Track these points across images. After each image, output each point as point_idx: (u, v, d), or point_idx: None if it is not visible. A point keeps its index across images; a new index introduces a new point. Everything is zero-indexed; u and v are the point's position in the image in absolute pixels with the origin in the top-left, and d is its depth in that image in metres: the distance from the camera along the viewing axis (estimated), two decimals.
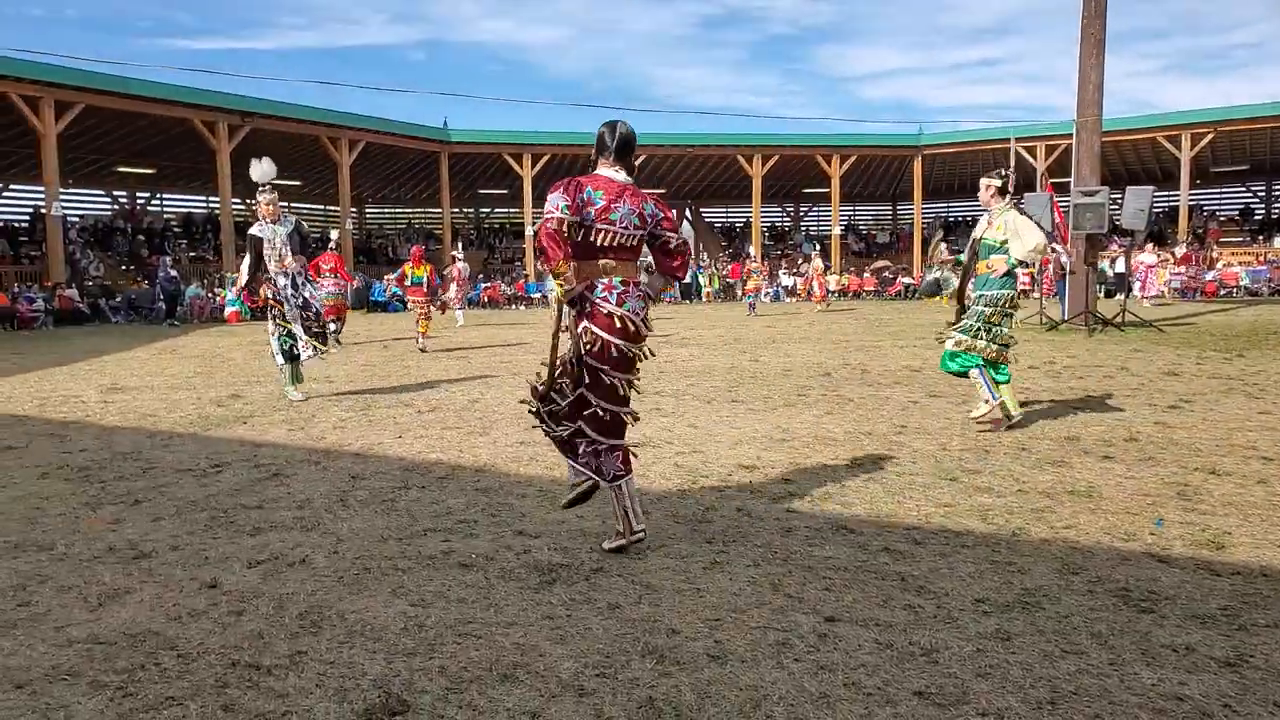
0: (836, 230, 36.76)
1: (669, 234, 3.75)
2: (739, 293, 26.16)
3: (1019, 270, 6.14)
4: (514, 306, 30.35)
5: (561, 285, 3.45)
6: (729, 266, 22.69)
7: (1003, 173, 6.40)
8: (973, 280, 6.31)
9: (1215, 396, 7.23)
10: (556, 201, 3.49)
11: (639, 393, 4.09)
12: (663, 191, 40.38)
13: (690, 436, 5.95)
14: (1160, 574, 3.26)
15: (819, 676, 2.48)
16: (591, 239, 3.55)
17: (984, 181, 6.36)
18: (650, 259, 3.83)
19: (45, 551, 3.69)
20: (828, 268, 28.03)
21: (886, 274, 33.81)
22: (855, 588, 3.16)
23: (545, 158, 33.31)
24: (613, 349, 3.58)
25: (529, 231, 34.01)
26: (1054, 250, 15.57)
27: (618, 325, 3.57)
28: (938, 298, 27.72)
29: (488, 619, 2.91)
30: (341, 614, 2.97)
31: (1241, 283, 27.39)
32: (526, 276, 31.92)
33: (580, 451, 3.67)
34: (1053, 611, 2.92)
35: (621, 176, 3.68)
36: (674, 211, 3.87)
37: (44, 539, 3.86)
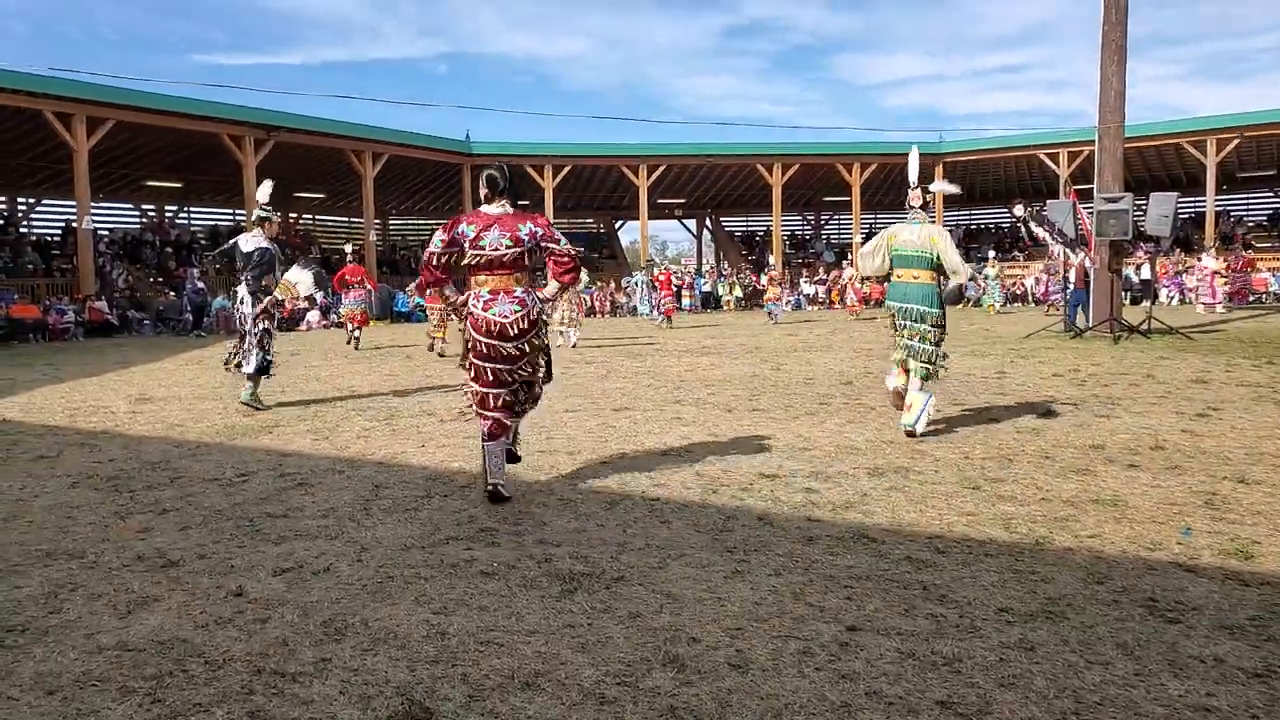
0: (858, 238, 36.59)
1: (552, 245, 4.70)
2: (653, 309, 24.61)
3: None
4: None
5: (446, 301, 4.82)
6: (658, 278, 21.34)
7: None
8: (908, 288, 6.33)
9: (1244, 404, 7.15)
10: (437, 237, 4.70)
11: (536, 381, 4.87)
12: (682, 201, 40.53)
13: (711, 445, 5.95)
14: (1188, 584, 3.23)
15: (841, 685, 2.48)
16: (468, 261, 4.62)
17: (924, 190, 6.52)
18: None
19: (76, 559, 3.74)
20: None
21: None
22: (877, 596, 3.15)
23: (566, 169, 33.44)
24: (480, 345, 4.63)
25: None
26: (1077, 255, 15.46)
27: (483, 325, 4.60)
28: (966, 305, 27.48)
29: (509, 627, 2.93)
30: (365, 621, 2.99)
31: (1270, 288, 27.02)
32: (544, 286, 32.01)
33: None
34: (1077, 621, 2.90)
35: (496, 210, 4.68)
36: (555, 230, 4.81)
37: (75, 547, 3.92)
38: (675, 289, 22.50)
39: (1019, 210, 17.02)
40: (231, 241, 8.49)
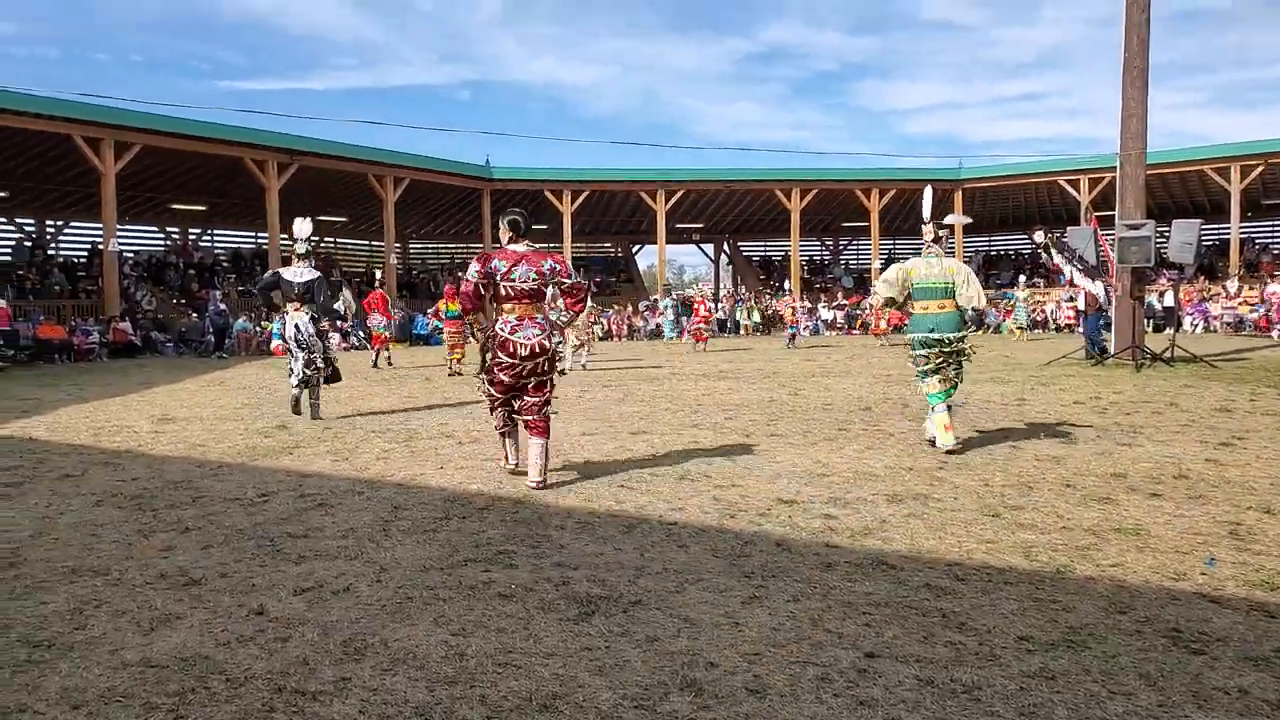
0: (876, 264, 36.56)
1: (564, 280, 5.59)
2: (684, 333, 24.85)
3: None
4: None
5: (475, 325, 5.73)
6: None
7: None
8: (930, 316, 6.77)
9: (1269, 433, 7.07)
10: (473, 269, 5.50)
11: (549, 400, 5.67)
12: (700, 226, 40.64)
13: (729, 470, 5.95)
14: (1212, 615, 3.19)
15: (859, 712, 2.47)
16: (501, 291, 5.46)
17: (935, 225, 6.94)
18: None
19: (100, 576, 3.78)
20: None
21: None
22: (895, 623, 3.14)
23: (584, 194, 33.67)
24: (505, 362, 5.48)
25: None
26: (1097, 284, 15.40)
27: (510, 347, 5.45)
28: (986, 331, 27.36)
29: (527, 649, 2.94)
30: (385, 641, 3.01)
31: None
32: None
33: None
34: (1099, 651, 2.88)
35: (522, 248, 5.53)
36: (569, 266, 5.77)
37: (99, 564, 3.96)
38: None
39: (1039, 237, 16.99)
40: (272, 274, 9.30)
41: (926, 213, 7.03)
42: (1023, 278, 30.26)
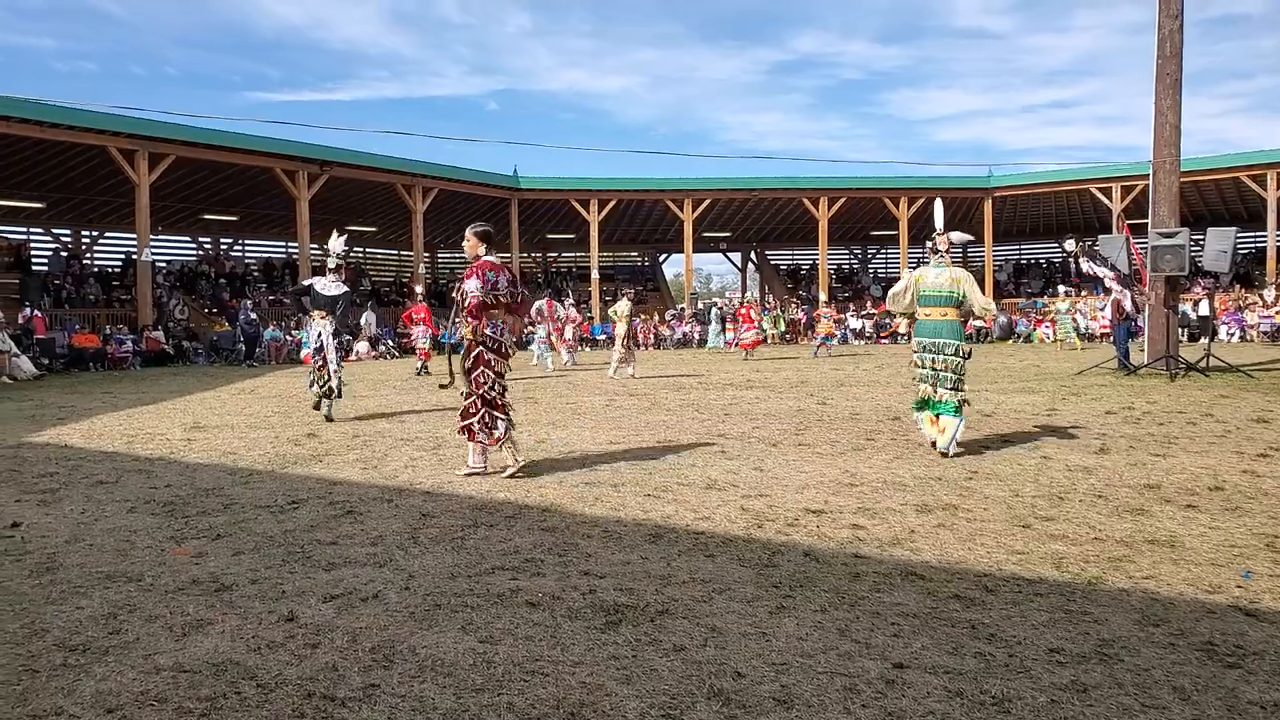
0: (905, 272, 36.34)
1: (518, 290, 6.27)
2: (733, 342, 24.78)
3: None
4: (580, 348, 30.58)
5: (470, 331, 6.08)
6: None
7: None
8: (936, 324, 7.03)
9: None
10: (476, 285, 5.98)
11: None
12: (727, 235, 40.61)
13: (756, 480, 5.93)
14: (1248, 628, 3.14)
15: None
16: (489, 300, 6.02)
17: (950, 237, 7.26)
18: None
19: (134, 582, 3.84)
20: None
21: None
22: (924, 634, 3.11)
23: (611, 203, 33.75)
24: (492, 360, 6.10)
25: (594, 275, 34.39)
26: (1124, 293, 15.23)
27: (499, 346, 6.12)
28: (1016, 340, 27.04)
29: (555, 657, 2.94)
30: (413, 649, 3.03)
31: None
32: (592, 319, 32.15)
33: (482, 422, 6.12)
34: (1132, 664, 2.84)
35: (495, 259, 6.17)
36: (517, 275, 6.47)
37: (133, 570, 4.02)
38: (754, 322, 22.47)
39: (1070, 245, 16.85)
40: (308, 283, 10.15)
41: (939, 223, 7.31)
42: (1063, 288, 29.74)
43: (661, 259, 43.53)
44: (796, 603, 3.47)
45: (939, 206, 7.68)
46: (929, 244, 7.27)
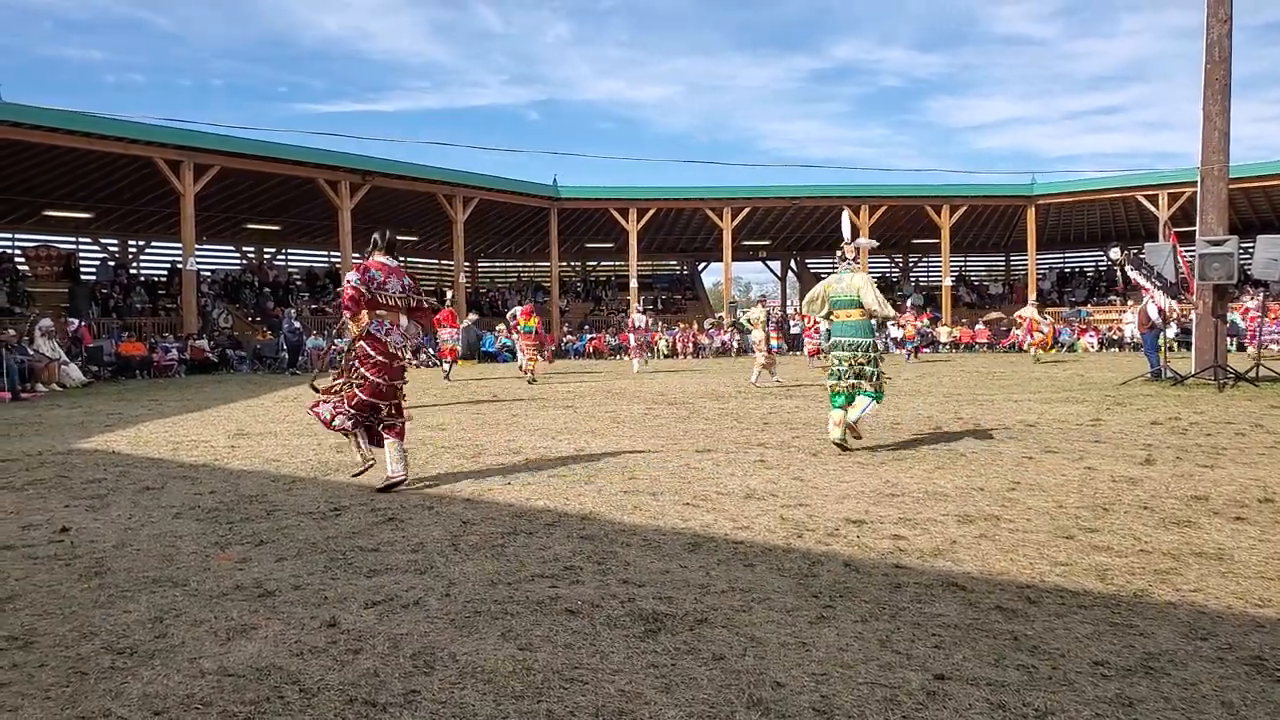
0: (947, 281, 36.06)
1: (416, 296, 6.36)
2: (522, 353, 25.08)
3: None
4: (618, 357, 30.66)
5: (355, 328, 6.07)
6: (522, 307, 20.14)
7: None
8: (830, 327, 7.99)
9: None
10: (355, 277, 6.03)
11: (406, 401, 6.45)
12: (766, 243, 40.50)
13: (796, 490, 5.90)
14: None
15: None
16: (375, 299, 6.08)
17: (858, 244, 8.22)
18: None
19: (179, 587, 3.91)
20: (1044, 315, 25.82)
21: (1000, 326, 32.67)
22: (966, 645, 3.08)
23: (650, 212, 33.86)
24: (373, 361, 6.07)
25: (633, 284, 34.47)
26: (1151, 301, 14.94)
27: (381, 345, 6.10)
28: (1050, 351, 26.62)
29: (594, 665, 2.95)
30: (453, 655, 3.05)
31: None
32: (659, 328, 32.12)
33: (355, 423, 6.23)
34: (1178, 678, 2.79)
35: (391, 262, 6.30)
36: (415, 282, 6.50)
37: (178, 575, 4.09)
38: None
39: (1115, 254, 16.58)
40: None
41: (846, 233, 8.11)
42: (1117, 298, 29.07)
43: (701, 267, 43.54)
44: (837, 613, 3.45)
45: (846, 218, 8.69)
46: (838, 253, 8.00)
